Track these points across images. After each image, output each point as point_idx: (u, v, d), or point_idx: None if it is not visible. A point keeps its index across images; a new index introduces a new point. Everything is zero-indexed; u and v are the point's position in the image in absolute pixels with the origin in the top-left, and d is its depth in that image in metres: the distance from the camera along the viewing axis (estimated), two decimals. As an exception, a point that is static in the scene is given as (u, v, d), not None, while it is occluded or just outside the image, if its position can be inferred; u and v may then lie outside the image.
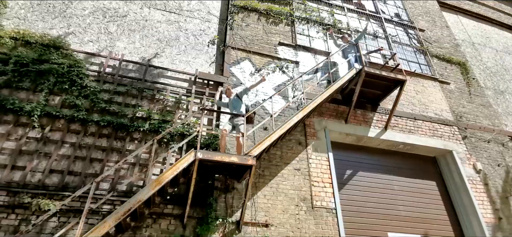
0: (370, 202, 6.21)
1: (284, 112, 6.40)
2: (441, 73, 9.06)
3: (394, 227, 6.06)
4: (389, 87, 6.94)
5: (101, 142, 5.07)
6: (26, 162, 4.51)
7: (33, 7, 6.29)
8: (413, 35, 9.93)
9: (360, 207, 6.07)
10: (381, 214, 6.13)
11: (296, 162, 5.80)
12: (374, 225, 5.95)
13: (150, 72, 6.23)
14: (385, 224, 6.03)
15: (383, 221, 6.06)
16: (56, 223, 4.07)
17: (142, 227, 4.39)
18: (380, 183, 6.56)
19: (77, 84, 5.39)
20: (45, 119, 4.93)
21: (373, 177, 6.60)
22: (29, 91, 5.10)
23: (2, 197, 4.06)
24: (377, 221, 6.03)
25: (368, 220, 5.97)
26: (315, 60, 7.73)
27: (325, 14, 9.14)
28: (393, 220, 6.15)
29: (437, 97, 8.31)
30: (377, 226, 5.96)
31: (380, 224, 6.00)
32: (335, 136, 6.63)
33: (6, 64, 5.17)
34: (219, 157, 4.31)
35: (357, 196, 6.21)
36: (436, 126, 7.61)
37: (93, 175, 4.73)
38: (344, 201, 5.96)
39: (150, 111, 5.56)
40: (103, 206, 4.38)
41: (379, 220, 6.04)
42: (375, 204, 6.23)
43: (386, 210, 6.23)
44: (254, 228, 4.85)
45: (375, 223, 5.98)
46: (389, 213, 6.20)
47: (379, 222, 6.03)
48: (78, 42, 6.14)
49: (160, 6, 7.55)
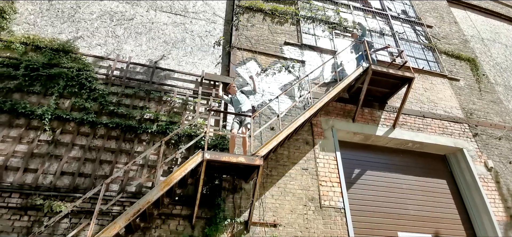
0: (379, 201, 6.14)
1: (290, 112, 6.39)
2: (450, 70, 8.92)
3: (404, 227, 5.98)
4: (397, 85, 6.86)
5: (110, 144, 5.13)
6: (38, 164, 4.59)
7: (43, 13, 6.41)
8: (420, 32, 9.80)
9: (369, 207, 6.01)
10: (391, 214, 6.06)
11: (304, 162, 5.77)
12: (383, 225, 5.88)
13: (157, 74, 6.28)
14: (395, 224, 5.96)
15: (392, 220, 5.99)
16: (68, 224, 4.13)
17: (152, 228, 4.43)
18: (389, 182, 6.49)
19: (86, 88, 5.47)
20: (56, 122, 5.01)
21: (381, 176, 6.53)
22: (40, 95, 5.20)
23: (15, 199, 4.14)
24: (386, 220, 5.96)
25: (377, 220, 5.90)
26: (321, 59, 7.69)
27: (330, 13, 9.09)
28: (403, 220, 6.07)
29: (447, 95, 8.18)
30: (387, 225, 5.89)
31: (390, 224, 5.93)
32: (342, 135, 6.59)
33: (17, 69, 5.28)
34: (226, 158, 4.32)
35: (365, 195, 6.15)
36: (445, 123, 7.50)
37: (103, 176, 4.79)
38: (352, 201, 5.91)
39: (157, 113, 5.60)
40: (113, 207, 4.43)
41: (388, 220, 5.97)
42: (384, 203, 6.16)
43: (396, 209, 6.15)
44: (263, 228, 4.84)
45: (384, 223, 5.91)
46: (398, 212, 6.12)
47: (389, 221, 5.96)
48: (87, 46, 6.23)
49: (166, 9, 7.61)
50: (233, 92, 5.58)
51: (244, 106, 5.41)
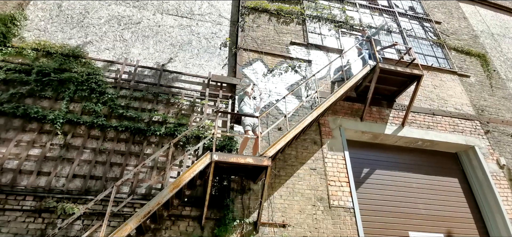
0: (389, 201, 6.07)
1: (298, 112, 6.37)
2: (460, 66, 8.77)
3: (415, 226, 5.90)
4: (405, 83, 6.78)
5: (120, 147, 5.20)
6: (51, 167, 4.69)
7: (53, 19, 6.54)
8: (429, 28, 9.65)
9: (379, 206, 5.95)
10: (401, 213, 5.98)
11: (312, 162, 5.75)
12: (394, 224, 5.81)
13: (165, 77, 6.35)
14: (406, 223, 5.89)
15: (403, 220, 5.92)
16: (81, 226, 4.21)
17: (162, 229, 4.47)
18: (399, 181, 6.41)
19: (96, 92, 5.56)
20: (67, 126, 5.11)
21: (391, 175, 6.46)
22: (51, 99, 5.31)
23: (29, 202, 4.24)
24: (397, 220, 5.89)
25: (387, 219, 5.84)
26: (328, 58, 7.65)
27: (336, 11, 9.04)
28: (414, 219, 5.99)
29: (457, 91, 8.04)
30: (397, 225, 5.83)
31: (401, 223, 5.86)
32: (350, 134, 6.54)
33: (29, 74, 5.40)
34: (234, 159, 4.33)
35: (375, 194, 6.09)
36: (456, 120, 7.37)
37: (113, 178, 4.87)
38: (362, 200, 5.86)
39: (165, 116, 5.66)
40: (124, 209, 4.49)
41: (399, 219, 5.90)
42: (395, 202, 6.09)
43: (406, 208, 6.07)
44: (272, 229, 4.84)
45: (395, 222, 5.84)
46: (409, 211, 6.05)
47: (399, 221, 5.89)
48: (96, 51, 6.33)
49: (172, 11, 7.68)
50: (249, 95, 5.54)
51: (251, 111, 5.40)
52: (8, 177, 4.46)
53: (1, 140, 4.72)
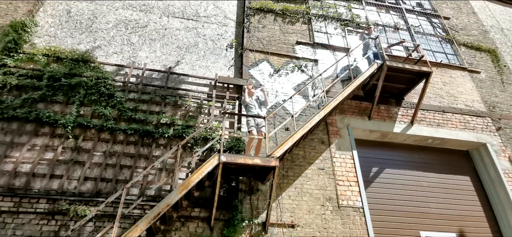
0: (399, 200, 6.00)
1: (305, 112, 6.35)
2: (470, 62, 8.61)
3: (427, 226, 5.82)
4: (414, 81, 6.69)
5: (129, 149, 5.27)
6: (63, 170, 4.78)
7: (62, 25, 6.67)
8: (437, 24, 9.50)
9: (389, 206, 5.88)
10: (412, 212, 5.90)
11: (320, 161, 5.72)
12: (404, 224, 5.74)
13: (172, 79, 6.40)
14: (417, 223, 5.81)
15: (414, 219, 5.84)
16: (92, 228, 4.28)
17: (172, 230, 4.52)
18: (409, 180, 6.33)
19: (105, 95, 5.65)
20: (78, 129, 5.21)
21: (401, 174, 6.38)
22: (62, 104, 5.41)
23: (42, 204, 4.33)
24: (407, 219, 5.81)
25: (398, 219, 5.77)
26: (334, 57, 7.61)
27: (342, 10, 8.97)
28: (425, 218, 5.90)
29: (467, 88, 7.90)
30: (408, 225, 5.75)
31: (411, 223, 5.78)
32: (358, 133, 6.48)
33: (40, 80, 5.52)
34: (242, 160, 4.35)
35: (385, 194, 6.02)
36: (467, 118, 7.24)
37: (123, 181, 4.93)
38: (371, 200, 5.80)
39: (173, 118, 5.71)
40: (134, 211, 4.55)
41: (409, 219, 5.83)
42: (405, 202, 6.01)
43: (417, 208, 5.99)
44: (281, 229, 4.84)
45: (405, 222, 5.77)
46: (420, 211, 5.96)
47: (410, 220, 5.81)
48: (104, 55, 6.43)
49: (178, 14, 7.74)
50: (250, 94, 5.52)
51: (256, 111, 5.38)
52: (22, 181, 4.57)
53: (14, 144, 4.84)
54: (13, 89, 5.35)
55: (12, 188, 4.47)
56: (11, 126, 4.99)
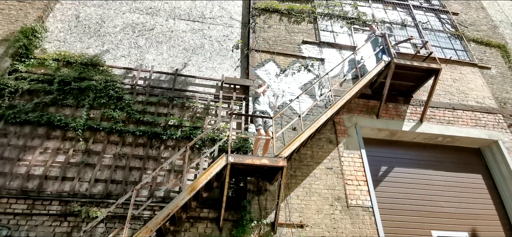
0: (409, 199, 5.92)
1: (312, 111, 6.32)
2: (480, 58, 8.44)
3: (438, 225, 5.73)
4: (422, 78, 6.59)
5: (138, 151, 5.33)
6: (74, 173, 4.87)
7: (71, 30, 6.79)
8: (446, 20, 9.35)
9: (399, 205, 5.81)
10: (423, 212, 5.82)
11: (328, 161, 5.69)
12: (415, 223, 5.66)
13: (179, 81, 6.45)
14: (428, 222, 5.72)
15: (425, 218, 5.76)
16: (104, 229, 4.34)
17: (181, 231, 4.55)
18: (419, 178, 6.24)
19: (113, 98, 5.72)
20: (88, 132, 5.29)
21: (411, 173, 6.30)
22: (73, 107, 5.50)
23: (55, 206, 4.42)
24: (418, 219, 5.73)
25: (408, 218, 5.69)
26: (341, 56, 7.55)
27: (348, 8, 8.91)
28: (436, 218, 5.81)
29: (478, 84, 7.75)
30: (419, 224, 5.67)
31: (422, 222, 5.70)
32: (367, 132, 6.42)
33: (51, 84, 5.63)
34: (250, 160, 4.36)
35: (394, 193, 5.95)
36: (478, 114, 7.10)
37: (133, 182, 4.99)
38: (381, 199, 5.74)
39: (181, 119, 5.75)
40: (144, 212, 4.60)
41: (420, 218, 5.75)
42: (415, 201, 5.93)
43: (428, 207, 5.90)
44: (289, 229, 4.83)
45: (416, 221, 5.69)
46: (431, 210, 5.87)
47: (421, 220, 5.73)
48: (112, 58, 6.51)
49: (184, 16, 7.80)
50: (263, 92, 5.52)
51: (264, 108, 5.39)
52: (35, 183, 4.66)
53: (27, 147, 4.94)
54: (25, 94, 5.47)
55: (25, 190, 4.57)
56: (24, 129, 5.10)
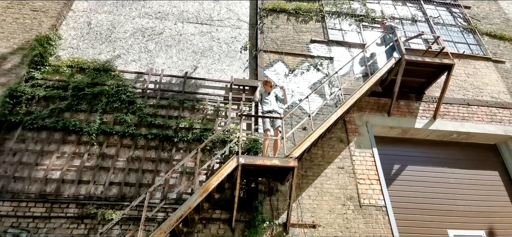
0: (424, 198, 5.82)
1: (322, 111, 6.28)
2: (494, 52, 8.22)
3: (454, 224, 5.60)
4: (435, 74, 6.47)
5: (150, 154, 5.41)
6: (90, 176, 4.99)
7: (84, 36, 6.96)
8: (457, 13, 9.14)
9: (414, 204, 5.71)
10: (438, 210, 5.70)
11: (339, 160, 5.64)
12: (431, 223, 5.55)
13: (189, 84, 6.52)
14: (444, 221, 5.60)
15: (440, 217, 5.64)
16: (119, 231, 4.43)
17: (194, 232, 4.60)
18: (433, 176, 6.12)
19: (125, 102, 5.83)
20: (102, 136, 5.41)
21: (425, 171, 6.18)
22: (86, 112, 5.64)
23: (72, 209, 4.53)
24: (434, 218, 5.62)
25: (423, 217, 5.59)
26: (350, 54, 7.48)
27: (356, 5, 8.81)
28: (452, 216, 5.69)
29: (492, 79, 7.54)
30: (435, 223, 5.56)
31: (438, 221, 5.59)
32: (378, 130, 6.34)
33: (66, 90, 5.78)
34: (260, 161, 4.37)
35: (408, 192, 5.85)
36: (493, 110, 6.91)
37: (146, 185, 5.07)
38: (394, 198, 5.65)
39: (192, 122, 5.81)
40: (158, 214, 4.66)
41: (436, 217, 5.63)
42: (431, 199, 5.82)
43: (444, 205, 5.78)
44: (302, 230, 4.81)
45: (432, 220, 5.58)
46: (447, 208, 5.75)
47: (436, 219, 5.61)
48: (123, 63, 6.64)
49: (192, 20, 7.88)
50: (268, 89, 5.50)
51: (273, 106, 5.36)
52: (52, 187, 4.80)
53: (44, 152, 5.09)
54: (41, 100, 5.63)
55: (43, 194, 4.71)
56: (41, 135, 5.26)
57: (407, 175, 6.07)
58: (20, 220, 4.37)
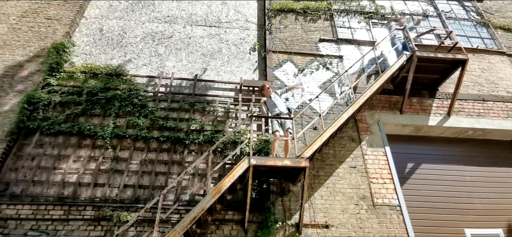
0: (440, 196, 5.70)
1: (332, 110, 6.24)
2: (509, 46, 7.98)
3: (471, 222, 5.47)
4: (448, 70, 6.34)
5: (162, 156, 5.49)
6: (105, 179, 5.10)
7: (96, 43, 7.12)
8: (470, 7, 8.92)
9: (429, 203, 5.60)
10: (454, 209, 5.58)
11: (351, 160, 5.59)
12: (446, 221, 5.44)
13: (199, 86, 6.59)
14: (460, 220, 5.48)
15: (456, 216, 5.51)
16: (134, 232, 4.52)
17: (207, 233, 4.64)
18: (449, 174, 5.99)
19: (137, 106, 5.93)
20: (115, 140, 5.52)
21: (439, 169, 6.05)
22: (100, 116, 5.77)
23: (88, 211, 4.64)
24: (449, 216, 5.50)
25: (439, 216, 5.48)
26: (359, 52, 7.40)
27: (365, 2, 8.71)
28: (469, 215, 5.55)
29: (508, 73, 7.33)
30: (451, 222, 5.44)
31: (454, 220, 5.47)
32: (390, 128, 6.25)
33: (80, 95, 5.93)
34: (272, 162, 4.37)
35: (423, 190, 5.75)
36: (510, 105, 6.72)
37: (159, 187, 5.15)
38: (408, 197, 5.56)
39: (202, 124, 5.86)
40: (171, 216, 4.73)
41: (452, 216, 5.51)
42: (446, 198, 5.69)
43: (460, 204, 5.65)
44: (315, 230, 4.79)
45: (447, 219, 5.46)
46: (463, 207, 5.62)
47: (452, 217, 5.49)
48: (134, 68, 6.76)
49: (201, 22, 7.95)
50: (268, 94, 5.43)
51: (280, 108, 5.28)
52: (70, 190, 4.93)
53: (61, 156, 5.23)
54: (57, 106, 5.79)
55: (61, 197, 4.84)
56: (58, 139, 5.41)
57: (422, 174, 5.96)
58: (39, 223, 4.51)
